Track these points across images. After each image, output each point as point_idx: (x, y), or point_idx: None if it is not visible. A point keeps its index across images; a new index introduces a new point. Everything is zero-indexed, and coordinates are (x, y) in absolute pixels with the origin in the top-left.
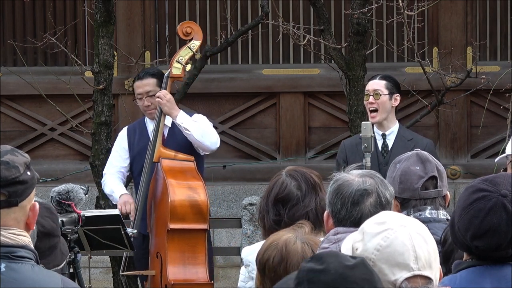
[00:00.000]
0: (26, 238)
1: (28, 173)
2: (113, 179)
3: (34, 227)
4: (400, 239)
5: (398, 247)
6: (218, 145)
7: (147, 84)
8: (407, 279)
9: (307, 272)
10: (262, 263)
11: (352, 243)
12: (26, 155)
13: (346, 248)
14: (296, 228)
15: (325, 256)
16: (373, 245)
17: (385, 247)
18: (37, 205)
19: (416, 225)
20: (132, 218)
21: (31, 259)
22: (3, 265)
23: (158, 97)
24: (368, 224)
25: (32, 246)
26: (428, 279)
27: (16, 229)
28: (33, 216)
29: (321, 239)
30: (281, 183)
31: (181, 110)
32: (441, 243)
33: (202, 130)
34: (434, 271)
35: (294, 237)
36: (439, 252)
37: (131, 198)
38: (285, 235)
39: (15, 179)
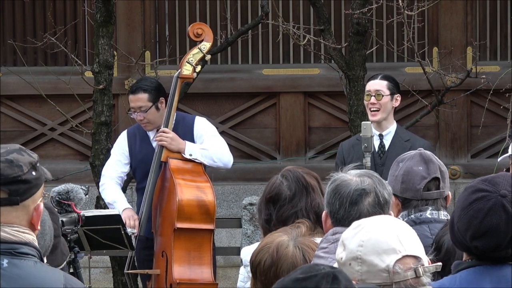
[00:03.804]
0: (30, 236)
1: (33, 173)
2: (114, 187)
3: (39, 227)
4: (380, 229)
5: (380, 236)
6: (231, 162)
7: (139, 99)
8: (398, 261)
9: None
10: (254, 266)
11: (337, 259)
12: (35, 155)
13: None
14: (292, 228)
15: None
16: (355, 244)
17: (367, 240)
18: (42, 206)
19: (389, 217)
20: (136, 231)
21: (34, 256)
22: (5, 261)
23: (160, 140)
24: (345, 233)
25: (36, 244)
26: (417, 258)
27: (20, 227)
28: (37, 216)
29: (317, 239)
30: (273, 183)
31: (186, 142)
32: (433, 249)
33: (212, 156)
34: (421, 249)
35: (287, 240)
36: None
37: (134, 213)
38: (278, 238)
39: (17, 178)
